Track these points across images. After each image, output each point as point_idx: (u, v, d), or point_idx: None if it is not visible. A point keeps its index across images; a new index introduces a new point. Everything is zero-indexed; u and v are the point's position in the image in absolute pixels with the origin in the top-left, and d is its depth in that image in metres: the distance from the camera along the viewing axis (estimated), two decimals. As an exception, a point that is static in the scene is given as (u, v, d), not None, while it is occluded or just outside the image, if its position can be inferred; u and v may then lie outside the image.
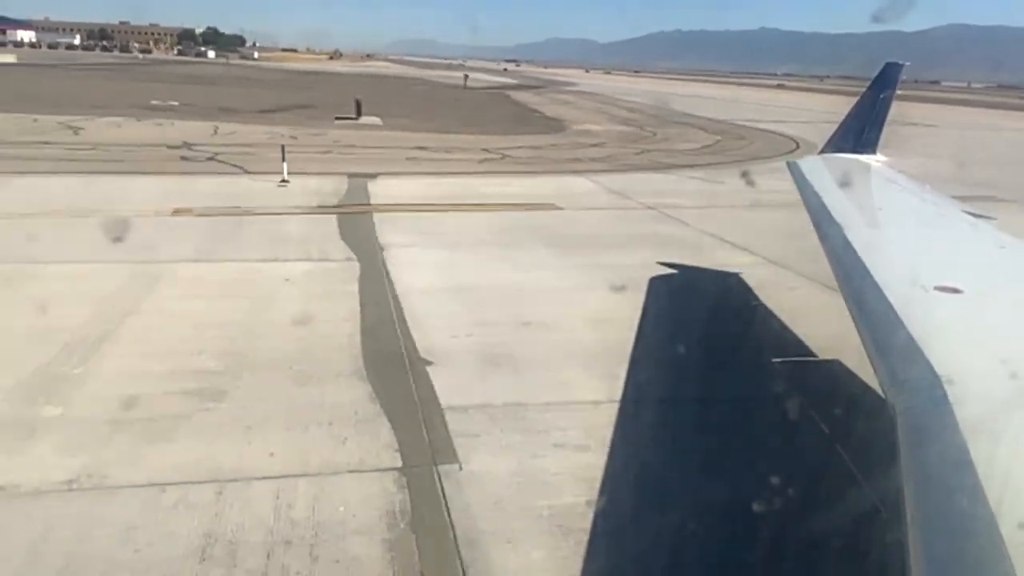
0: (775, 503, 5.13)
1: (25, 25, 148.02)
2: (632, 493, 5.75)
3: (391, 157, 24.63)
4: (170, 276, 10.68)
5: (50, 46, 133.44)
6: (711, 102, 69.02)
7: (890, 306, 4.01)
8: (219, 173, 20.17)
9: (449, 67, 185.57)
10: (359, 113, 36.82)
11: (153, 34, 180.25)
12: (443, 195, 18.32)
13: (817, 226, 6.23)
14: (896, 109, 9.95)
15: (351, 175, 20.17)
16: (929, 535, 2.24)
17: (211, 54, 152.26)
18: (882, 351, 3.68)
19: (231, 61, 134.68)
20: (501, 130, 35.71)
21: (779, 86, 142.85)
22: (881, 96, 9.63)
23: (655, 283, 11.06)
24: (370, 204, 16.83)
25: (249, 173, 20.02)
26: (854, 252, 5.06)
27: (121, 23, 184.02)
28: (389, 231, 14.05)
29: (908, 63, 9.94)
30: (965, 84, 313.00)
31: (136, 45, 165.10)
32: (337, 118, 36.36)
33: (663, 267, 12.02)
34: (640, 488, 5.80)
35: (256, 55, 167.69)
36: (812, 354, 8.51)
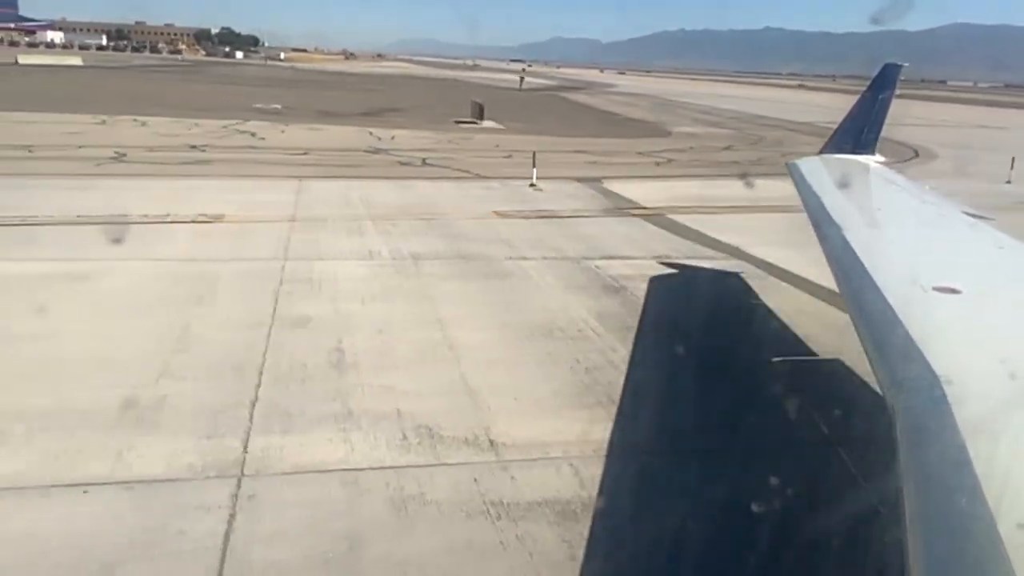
0: (775, 502, 5.14)
1: (53, 26, 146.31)
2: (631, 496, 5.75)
3: (570, 161, 24.87)
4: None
5: (81, 47, 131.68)
6: (760, 103, 68.54)
7: (889, 306, 4.01)
8: (458, 179, 20.55)
9: (465, 67, 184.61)
10: (481, 117, 37.18)
11: (169, 34, 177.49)
12: (700, 198, 18.61)
13: (816, 227, 6.23)
14: (927, 110, 9.99)
15: (578, 179, 20.59)
16: (928, 535, 2.25)
17: (239, 54, 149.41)
18: (881, 351, 3.68)
19: (265, 63, 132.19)
20: (614, 133, 35.84)
21: (800, 86, 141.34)
22: (880, 97, 9.62)
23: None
24: (645, 207, 17.33)
25: (484, 178, 20.50)
26: (853, 253, 5.06)
27: (137, 23, 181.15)
28: (715, 231, 14.69)
29: (907, 64, 9.94)
30: (971, 84, 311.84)
31: (163, 46, 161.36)
32: (457, 121, 36.72)
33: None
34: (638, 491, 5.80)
35: (282, 55, 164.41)
36: (813, 353, 8.52)
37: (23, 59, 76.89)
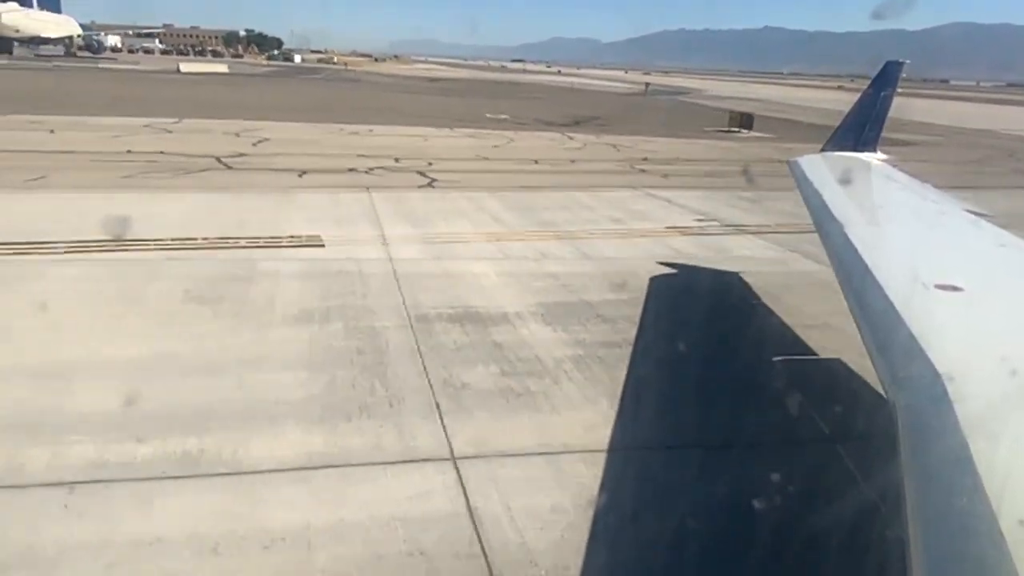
0: (775, 501, 5.14)
1: (112, 30, 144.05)
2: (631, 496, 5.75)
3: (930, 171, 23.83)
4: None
5: (145, 51, 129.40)
6: (821, 106, 66.11)
7: (890, 304, 4.00)
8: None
9: (493, 68, 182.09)
10: (748, 126, 37.21)
11: (196, 36, 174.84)
12: None
13: (818, 224, 6.23)
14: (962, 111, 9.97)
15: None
16: (929, 532, 2.24)
17: (297, 58, 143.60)
18: (882, 349, 3.68)
19: (322, 65, 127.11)
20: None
21: (840, 87, 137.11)
22: (882, 94, 9.63)
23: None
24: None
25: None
26: (854, 250, 5.05)
27: (165, 26, 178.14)
28: None
29: (908, 61, 9.94)
30: (974, 83, 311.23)
31: (223, 50, 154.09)
32: (720, 130, 36.48)
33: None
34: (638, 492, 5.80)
35: (335, 59, 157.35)
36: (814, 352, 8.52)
37: (184, 68, 77.24)
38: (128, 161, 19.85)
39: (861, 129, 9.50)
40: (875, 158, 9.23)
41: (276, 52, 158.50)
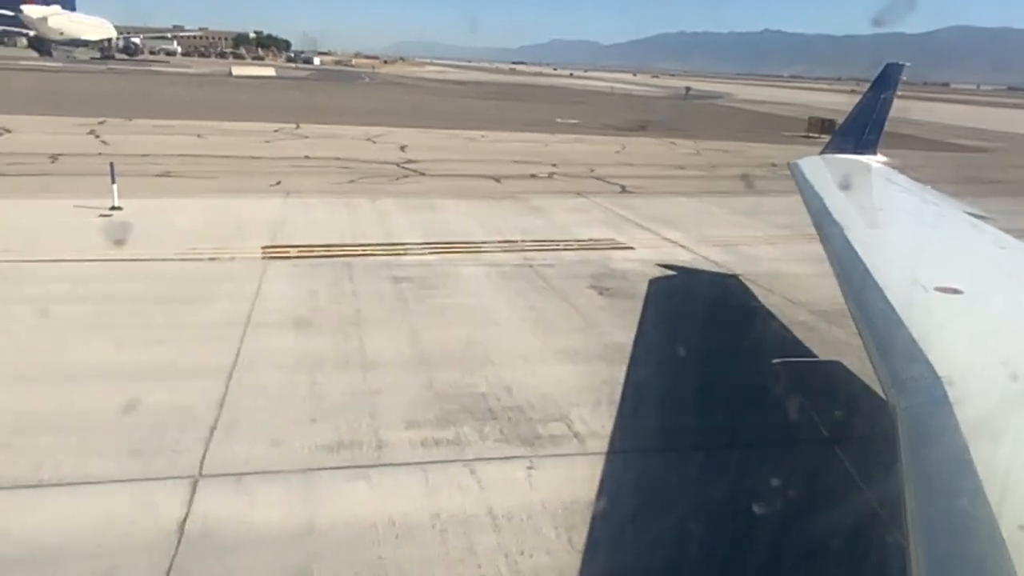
0: (775, 503, 5.13)
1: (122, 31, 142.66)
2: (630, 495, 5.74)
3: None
4: None
5: (168, 52, 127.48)
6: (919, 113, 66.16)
7: (891, 307, 4.00)
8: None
9: (513, 71, 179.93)
10: (828, 131, 36.15)
11: (208, 38, 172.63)
12: None
13: (818, 227, 6.23)
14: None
15: None
16: (929, 534, 2.24)
17: (316, 60, 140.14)
18: (883, 351, 3.67)
19: (348, 68, 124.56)
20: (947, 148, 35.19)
21: (852, 91, 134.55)
22: (882, 97, 9.62)
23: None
24: None
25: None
26: (855, 252, 5.05)
27: (174, 27, 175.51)
28: None
29: (909, 63, 9.93)
30: (974, 86, 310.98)
31: (244, 52, 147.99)
32: (801, 135, 36.08)
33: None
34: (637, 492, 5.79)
35: (353, 61, 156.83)
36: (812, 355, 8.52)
37: (236, 71, 78.35)
38: (322, 167, 20.45)
39: (861, 132, 9.50)
40: (875, 160, 9.22)
41: (293, 54, 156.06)
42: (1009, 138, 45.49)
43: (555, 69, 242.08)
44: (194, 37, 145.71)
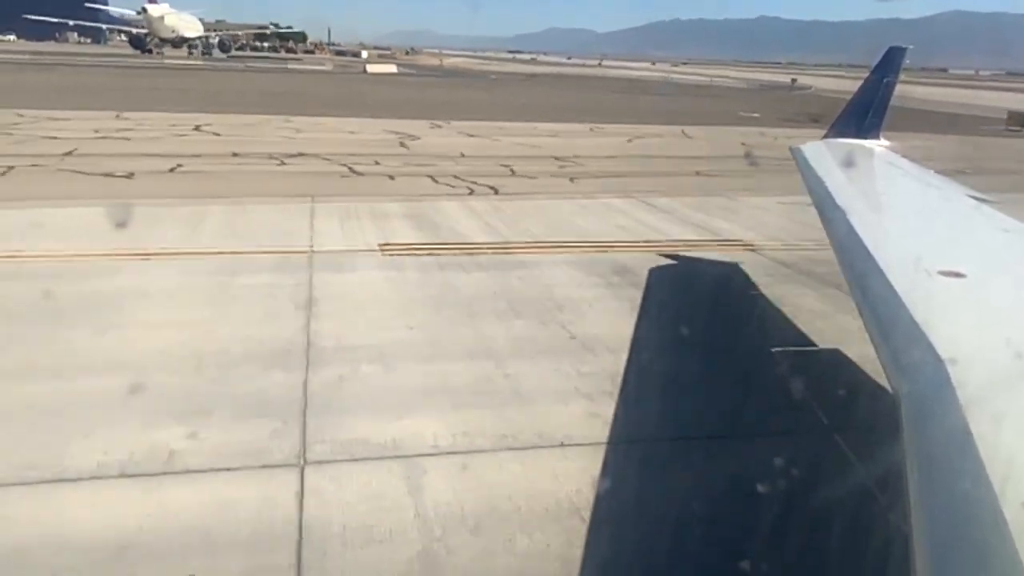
0: (777, 489, 5.15)
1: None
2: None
3: None
4: None
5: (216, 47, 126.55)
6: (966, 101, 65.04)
7: (893, 290, 3.99)
8: None
9: (535, 61, 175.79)
10: None
11: (221, 31, 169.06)
12: None
13: (820, 211, 6.22)
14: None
15: None
16: (932, 517, 2.25)
17: (364, 54, 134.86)
18: (885, 335, 3.67)
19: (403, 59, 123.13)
20: None
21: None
22: (884, 80, 9.59)
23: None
24: None
25: None
26: (857, 237, 5.04)
27: (217, 22, 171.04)
28: None
29: (912, 46, 9.88)
30: (972, 71, 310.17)
31: (297, 47, 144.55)
32: (1009, 129, 36.57)
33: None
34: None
35: (364, 53, 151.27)
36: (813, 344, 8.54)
37: (371, 68, 79.12)
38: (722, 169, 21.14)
39: (864, 116, 9.47)
40: (878, 145, 9.21)
41: (332, 46, 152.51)
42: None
43: (568, 58, 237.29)
44: (215, 31, 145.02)
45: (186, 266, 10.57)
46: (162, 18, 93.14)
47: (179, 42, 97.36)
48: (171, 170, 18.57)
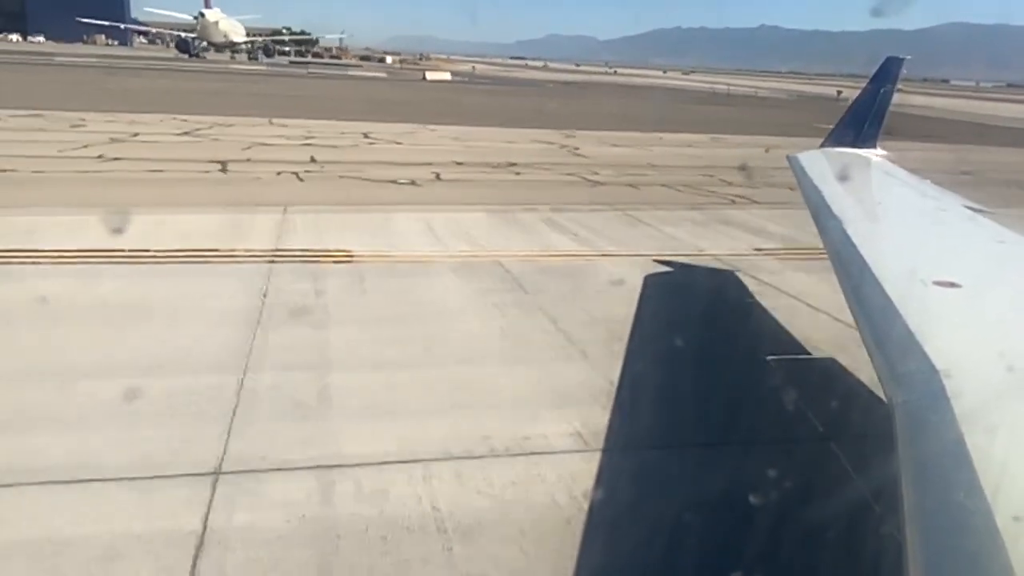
0: (771, 498, 5.13)
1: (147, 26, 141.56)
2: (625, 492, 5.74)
3: None
4: None
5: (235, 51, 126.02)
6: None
7: (888, 300, 4.00)
8: None
9: (547, 67, 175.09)
10: None
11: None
12: None
13: (816, 220, 6.23)
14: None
15: None
16: (926, 528, 2.24)
17: (388, 59, 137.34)
18: (880, 345, 3.67)
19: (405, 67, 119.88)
20: None
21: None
22: (881, 90, 9.62)
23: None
24: None
25: None
26: (853, 246, 5.05)
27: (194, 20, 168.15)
28: None
29: (909, 57, 9.92)
30: (973, 83, 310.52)
31: (315, 51, 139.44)
32: None
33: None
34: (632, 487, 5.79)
35: (423, 60, 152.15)
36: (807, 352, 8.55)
37: (430, 76, 79.33)
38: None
39: (861, 125, 9.50)
40: (875, 154, 9.23)
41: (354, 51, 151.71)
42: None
43: (577, 65, 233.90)
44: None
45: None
46: (216, 23, 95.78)
47: (226, 47, 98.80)
48: (437, 177, 19.66)
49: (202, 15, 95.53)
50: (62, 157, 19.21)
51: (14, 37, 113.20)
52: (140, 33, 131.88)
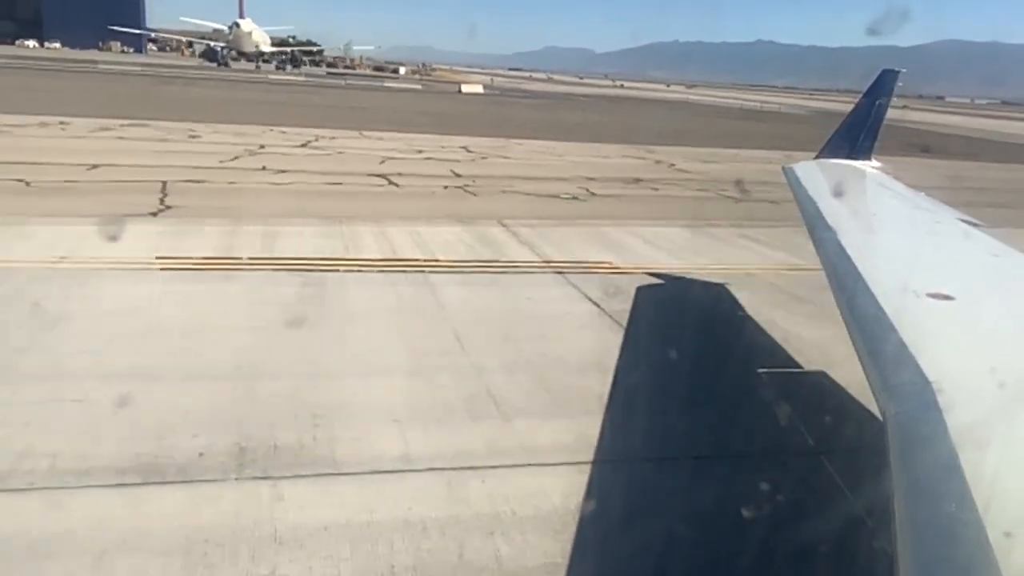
0: (763, 511, 5.11)
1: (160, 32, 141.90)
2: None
3: None
4: None
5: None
6: None
7: (882, 312, 3.99)
8: None
9: (550, 80, 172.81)
10: None
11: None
12: None
13: (811, 231, 6.24)
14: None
15: None
16: (918, 541, 2.23)
17: (402, 70, 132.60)
18: (873, 357, 3.66)
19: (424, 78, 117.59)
20: None
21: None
22: (877, 103, 9.68)
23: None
24: None
25: None
26: (847, 258, 5.05)
27: (215, 31, 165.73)
28: None
29: (905, 70, 9.97)
30: (968, 100, 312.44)
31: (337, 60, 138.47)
32: None
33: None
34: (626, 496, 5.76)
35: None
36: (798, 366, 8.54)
37: (465, 88, 79.26)
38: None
39: (856, 137, 9.55)
40: (869, 166, 9.27)
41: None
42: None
43: (580, 78, 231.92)
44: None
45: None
46: (250, 33, 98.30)
47: (255, 56, 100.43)
48: (589, 192, 20.29)
49: (237, 25, 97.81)
50: (228, 168, 19.54)
51: (31, 43, 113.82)
52: (151, 40, 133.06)
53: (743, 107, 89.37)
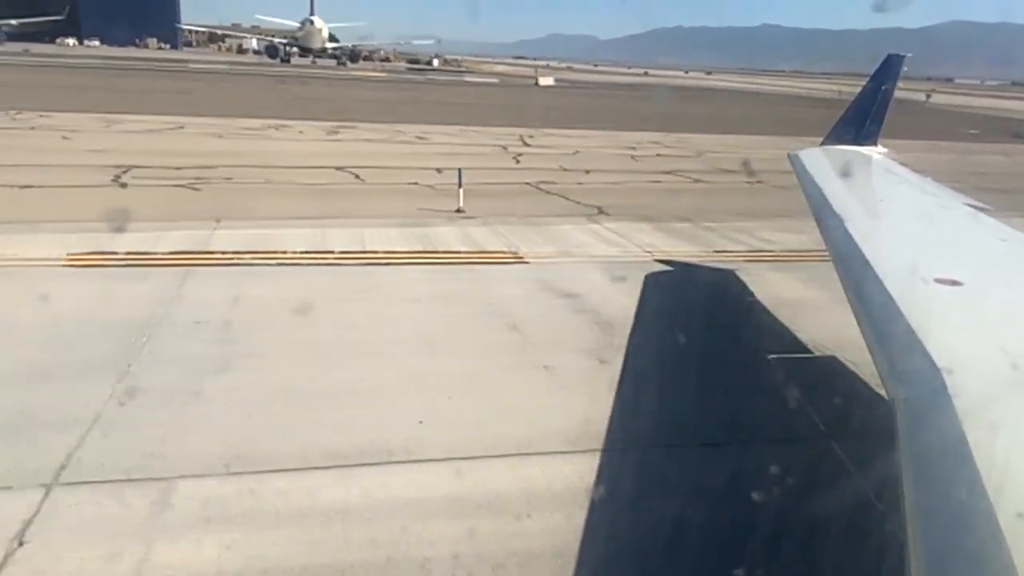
0: (773, 497, 5.12)
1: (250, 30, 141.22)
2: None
3: None
4: None
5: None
6: None
7: (890, 298, 3.99)
8: None
9: (570, 69, 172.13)
10: None
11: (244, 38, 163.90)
12: None
13: (817, 217, 6.22)
14: None
15: None
16: (927, 525, 2.24)
17: (435, 62, 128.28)
18: (882, 342, 3.66)
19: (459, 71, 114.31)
20: None
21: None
22: (883, 88, 9.60)
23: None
24: None
25: None
26: (854, 243, 5.03)
27: (233, 25, 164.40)
28: None
29: (910, 54, 9.90)
30: (977, 81, 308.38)
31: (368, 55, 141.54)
32: None
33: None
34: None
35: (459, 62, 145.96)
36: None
37: (542, 81, 79.02)
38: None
39: (862, 123, 9.49)
40: (875, 151, 9.21)
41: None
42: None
43: (595, 65, 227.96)
44: (237, 37, 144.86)
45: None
46: (320, 30, 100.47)
47: (320, 52, 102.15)
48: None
49: (310, 22, 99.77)
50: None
51: (71, 41, 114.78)
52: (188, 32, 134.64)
53: (790, 94, 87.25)
